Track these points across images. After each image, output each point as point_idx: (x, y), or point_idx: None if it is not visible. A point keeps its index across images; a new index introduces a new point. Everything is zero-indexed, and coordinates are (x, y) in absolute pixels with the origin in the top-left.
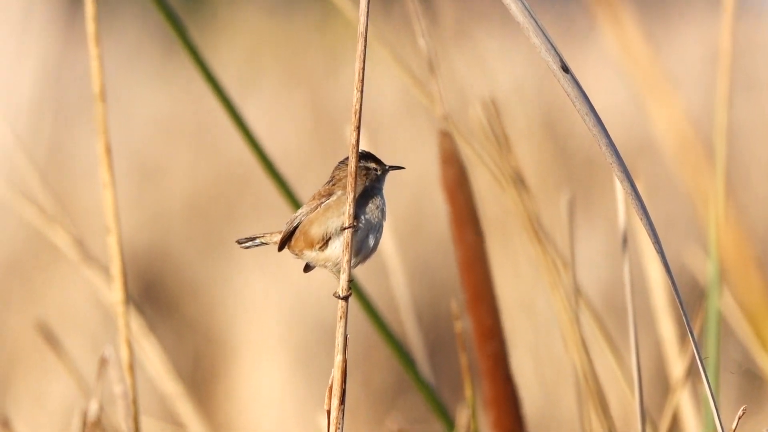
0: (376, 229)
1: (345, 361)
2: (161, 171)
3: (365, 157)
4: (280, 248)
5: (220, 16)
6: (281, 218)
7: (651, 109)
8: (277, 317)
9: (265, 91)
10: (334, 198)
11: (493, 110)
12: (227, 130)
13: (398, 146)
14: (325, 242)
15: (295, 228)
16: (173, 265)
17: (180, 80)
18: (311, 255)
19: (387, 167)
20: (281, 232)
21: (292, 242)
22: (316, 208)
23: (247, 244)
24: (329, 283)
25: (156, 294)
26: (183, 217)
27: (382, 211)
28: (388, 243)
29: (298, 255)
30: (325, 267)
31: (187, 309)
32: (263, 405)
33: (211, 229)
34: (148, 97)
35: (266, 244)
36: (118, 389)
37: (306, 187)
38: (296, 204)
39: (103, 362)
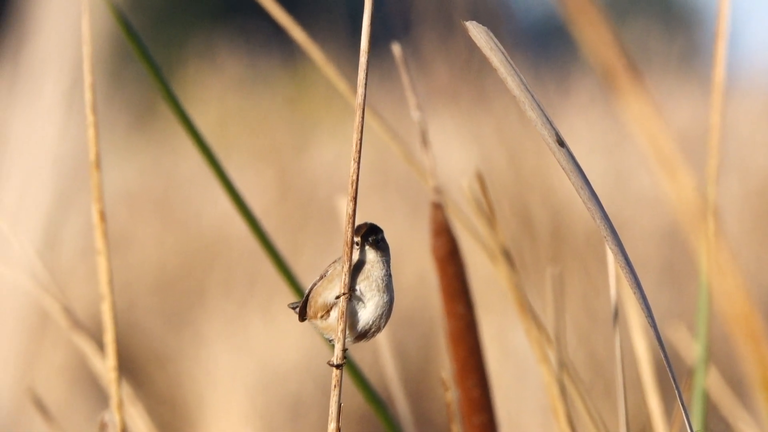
0: (376, 303)
1: (339, 429)
2: (128, 242)
3: (371, 230)
4: (301, 319)
5: (188, 89)
6: (248, 291)
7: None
8: (243, 389)
9: (232, 164)
10: (334, 268)
11: (482, 183)
12: (195, 203)
13: (373, 216)
14: (327, 312)
15: (308, 298)
16: (140, 337)
17: (146, 154)
18: (319, 325)
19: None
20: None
21: (307, 313)
22: (322, 277)
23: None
24: (295, 355)
25: (122, 365)
26: (150, 289)
27: (384, 283)
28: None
29: (314, 326)
30: (331, 338)
31: (154, 381)
32: None
33: (177, 301)
34: (114, 169)
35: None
36: None
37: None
38: (280, 264)
39: (102, 427)
